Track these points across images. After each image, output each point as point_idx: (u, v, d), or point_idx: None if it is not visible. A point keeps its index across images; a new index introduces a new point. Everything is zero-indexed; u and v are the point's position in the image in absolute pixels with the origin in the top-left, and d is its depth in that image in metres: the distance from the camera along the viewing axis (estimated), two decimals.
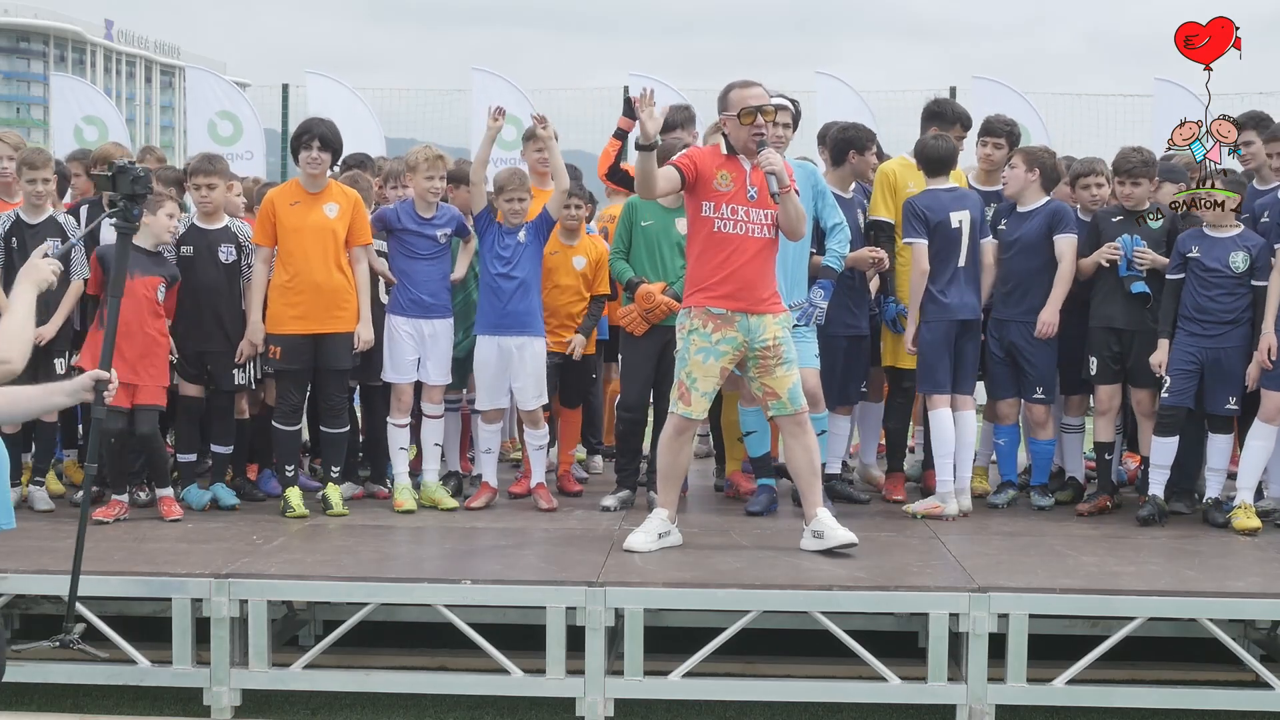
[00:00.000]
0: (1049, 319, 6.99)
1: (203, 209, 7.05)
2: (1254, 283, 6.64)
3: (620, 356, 7.30)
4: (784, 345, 6.03)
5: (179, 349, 6.93)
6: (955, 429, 6.95)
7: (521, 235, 6.96)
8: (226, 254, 7.04)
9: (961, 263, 6.95)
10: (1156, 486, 6.83)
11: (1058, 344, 7.11)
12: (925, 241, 6.91)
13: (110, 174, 4.77)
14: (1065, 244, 7.01)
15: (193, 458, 7.15)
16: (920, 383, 7.04)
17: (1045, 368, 7.12)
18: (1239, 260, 6.64)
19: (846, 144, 7.30)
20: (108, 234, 7.07)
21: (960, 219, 6.94)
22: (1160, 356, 6.81)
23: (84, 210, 7.26)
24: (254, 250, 6.97)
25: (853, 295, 7.23)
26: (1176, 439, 6.80)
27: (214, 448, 7.19)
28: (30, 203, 6.88)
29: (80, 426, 7.51)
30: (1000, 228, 7.19)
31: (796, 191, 5.99)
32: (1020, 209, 7.14)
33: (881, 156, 7.71)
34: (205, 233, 7.05)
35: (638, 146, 5.79)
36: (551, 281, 7.34)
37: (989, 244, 7.10)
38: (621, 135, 7.33)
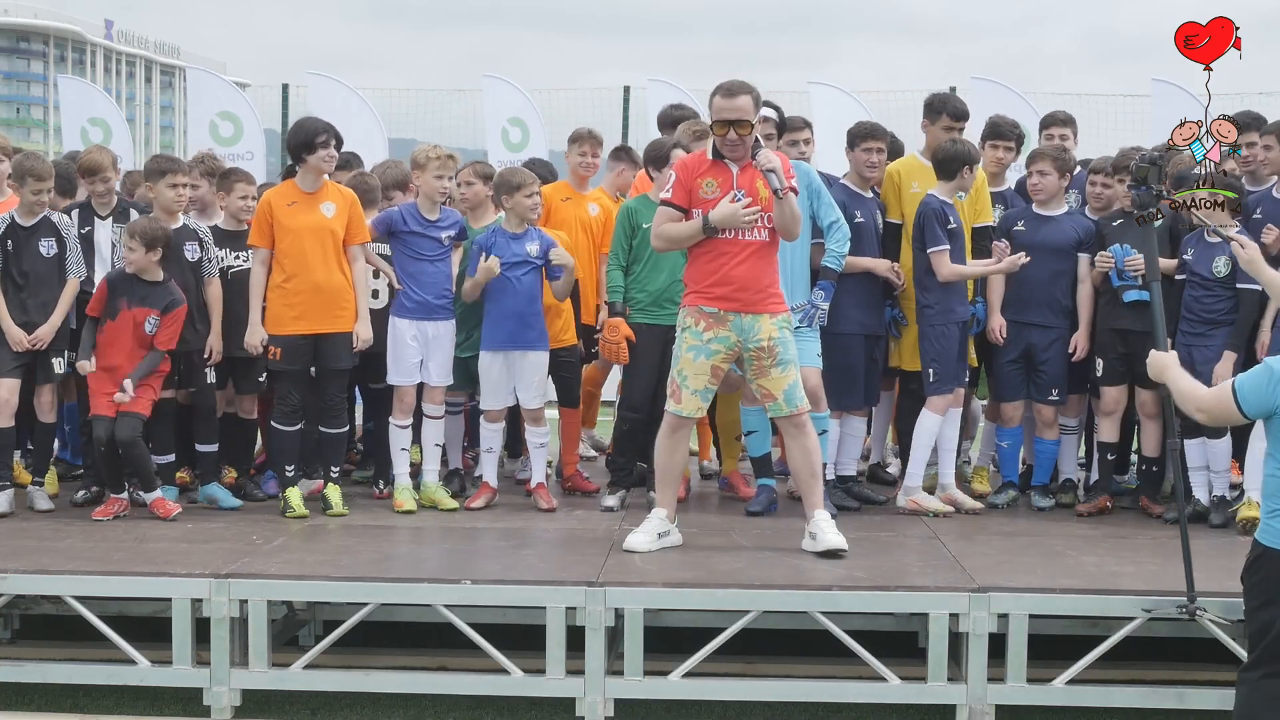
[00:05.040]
0: (1084, 344, 7.09)
1: (247, 214, 7.04)
2: (1238, 285, 6.63)
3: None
4: (779, 346, 6.02)
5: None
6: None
7: (533, 251, 6.97)
8: (245, 257, 7.05)
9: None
10: (1199, 489, 6.86)
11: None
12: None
13: (1146, 165, 5.31)
14: (1088, 265, 7.07)
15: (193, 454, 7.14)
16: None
17: (1061, 370, 7.16)
18: (1221, 265, 6.65)
19: (849, 137, 7.31)
20: (104, 247, 7.07)
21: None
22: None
23: (74, 214, 7.24)
24: (252, 252, 6.95)
25: (872, 294, 7.21)
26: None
27: (202, 448, 7.09)
28: (30, 210, 6.86)
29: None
30: (1018, 228, 7.18)
31: (795, 191, 6.00)
32: (1042, 211, 7.16)
33: (894, 155, 7.65)
34: (238, 236, 7.07)
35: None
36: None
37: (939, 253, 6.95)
38: None
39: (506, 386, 7.05)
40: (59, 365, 6.95)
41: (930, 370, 7.00)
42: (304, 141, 6.79)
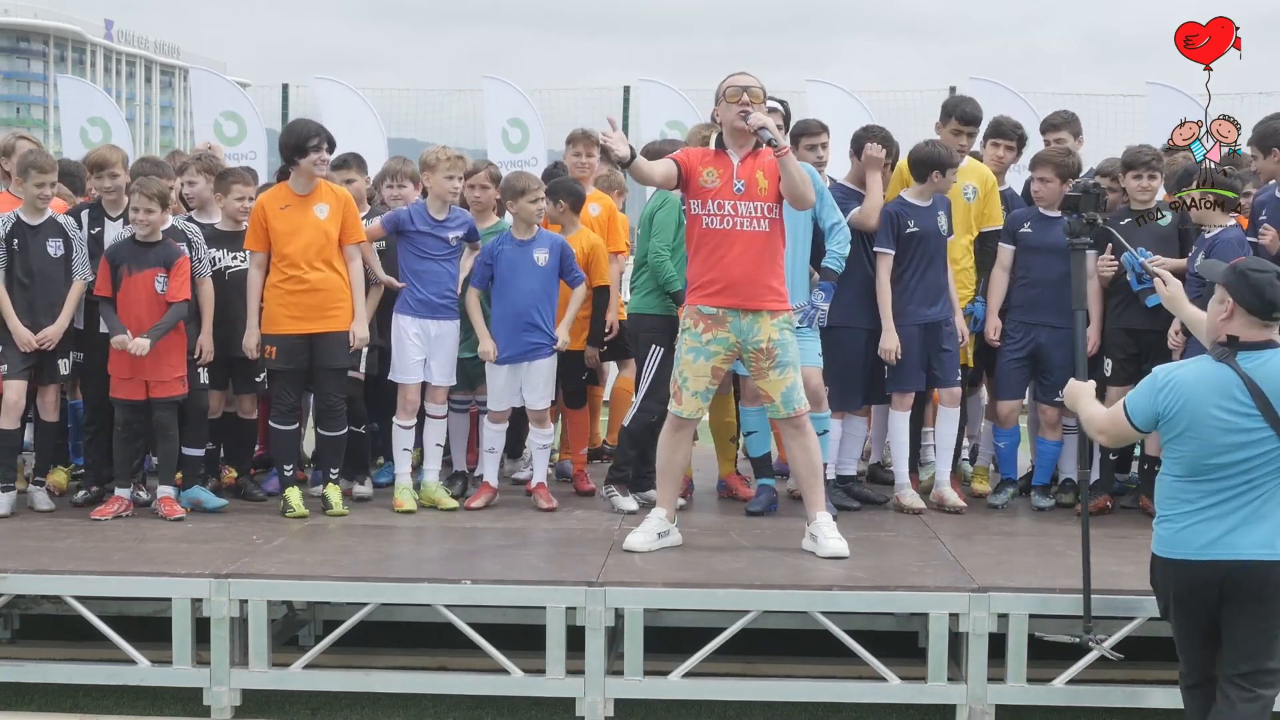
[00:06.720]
0: (1096, 338, 7.04)
1: (244, 215, 7.05)
2: (1190, 272, 6.62)
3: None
4: (779, 348, 6.01)
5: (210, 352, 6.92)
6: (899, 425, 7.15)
7: (541, 259, 6.97)
8: (243, 258, 7.06)
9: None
10: None
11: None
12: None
13: (1077, 194, 5.32)
14: (1094, 262, 7.05)
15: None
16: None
17: (1068, 371, 7.13)
18: (1199, 260, 6.66)
19: (854, 141, 7.30)
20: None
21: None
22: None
23: (85, 214, 7.23)
24: (249, 255, 6.95)
25: (874, 293, 7.19)
26: None
27: (188, 451, 6.99)
28: (34, 205, 6.87)
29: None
30: (1025, 230, 7.18)
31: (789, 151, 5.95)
32: (1048, 213, 7.14)
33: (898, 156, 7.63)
34: (236, 237, 7.08)
35: (621, 166, 5.90)
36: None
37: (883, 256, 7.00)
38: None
39: (512, 388, 7.06)
40: (64, 366, 6.95)
41: (886, 368, 7.06)
42: (296, 145, 6.80)
